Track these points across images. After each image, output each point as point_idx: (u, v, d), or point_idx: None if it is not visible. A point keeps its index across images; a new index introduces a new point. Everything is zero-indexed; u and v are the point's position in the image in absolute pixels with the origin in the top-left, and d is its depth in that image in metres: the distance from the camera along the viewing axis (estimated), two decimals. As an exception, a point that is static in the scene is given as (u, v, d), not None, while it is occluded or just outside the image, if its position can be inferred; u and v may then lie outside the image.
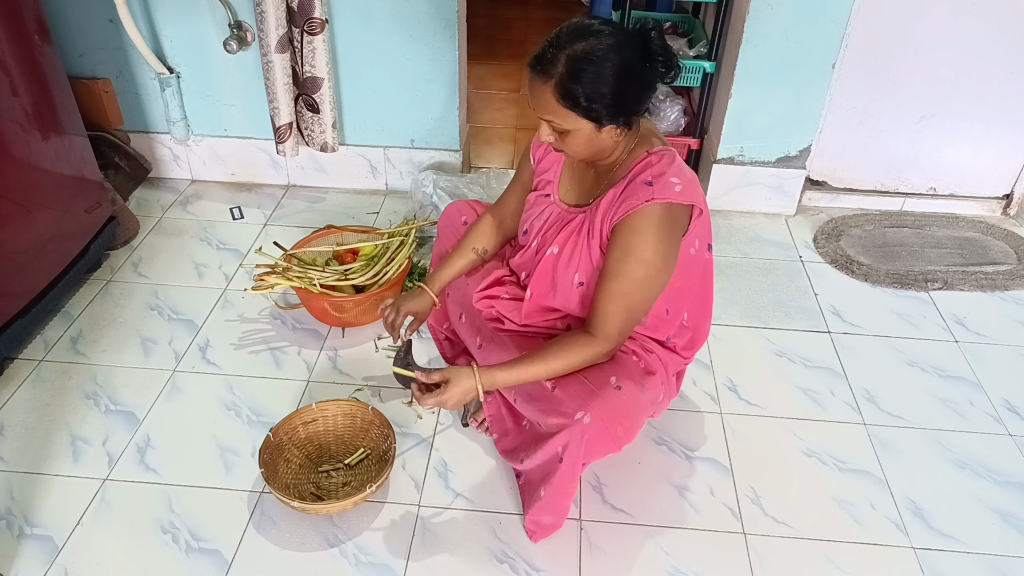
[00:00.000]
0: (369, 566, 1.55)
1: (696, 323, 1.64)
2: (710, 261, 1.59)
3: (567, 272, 1.52)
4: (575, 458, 1.42)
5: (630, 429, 1.44)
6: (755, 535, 1.64)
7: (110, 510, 1.66)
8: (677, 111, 2.91)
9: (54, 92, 2.08)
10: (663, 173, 1.38)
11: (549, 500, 1.52)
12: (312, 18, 2.34)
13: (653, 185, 1.37)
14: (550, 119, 1.35)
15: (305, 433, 1.77)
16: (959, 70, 2.51)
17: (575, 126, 1.34)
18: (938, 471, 1.80)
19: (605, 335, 1.42)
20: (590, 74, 1.28)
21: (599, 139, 1.37)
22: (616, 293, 1.40)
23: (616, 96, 1.30)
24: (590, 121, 1.33)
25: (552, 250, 1.53)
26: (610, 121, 1.34)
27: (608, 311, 1.42)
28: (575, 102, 1.30)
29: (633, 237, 1.38)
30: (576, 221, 1.50)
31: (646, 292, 1.42)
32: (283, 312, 2.21)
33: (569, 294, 1.54)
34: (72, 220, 2.19)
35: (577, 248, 1.49)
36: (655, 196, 1.36)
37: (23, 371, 2.00)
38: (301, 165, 2.80)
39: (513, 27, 4.53)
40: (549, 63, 1.30)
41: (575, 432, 1.39)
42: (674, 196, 1.37)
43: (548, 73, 1.30)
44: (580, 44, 1.28)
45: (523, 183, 1.67)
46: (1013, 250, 2.58)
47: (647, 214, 1.37)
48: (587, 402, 1.40)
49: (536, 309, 1.61)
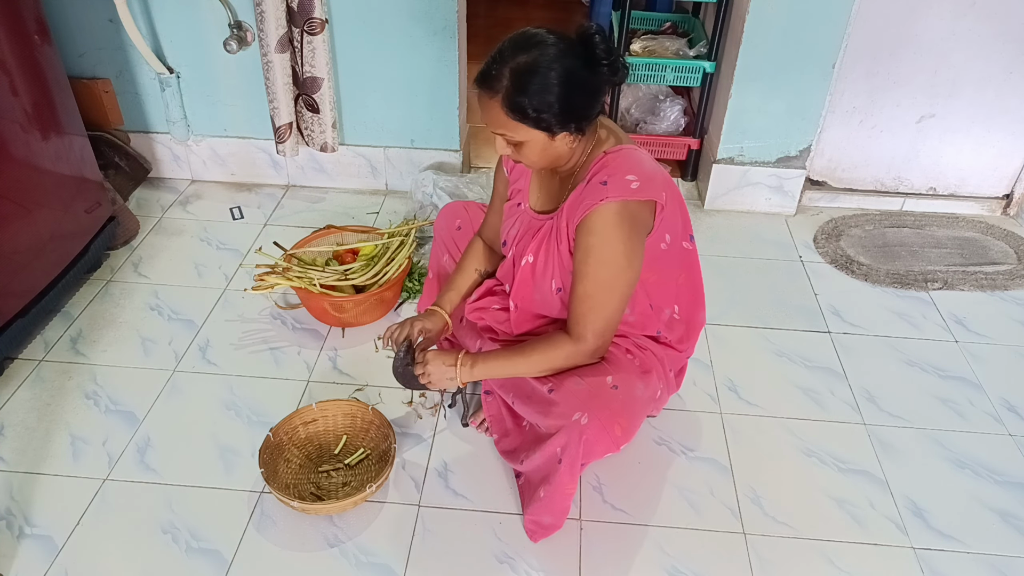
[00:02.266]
0: (369, 566, 1.55)
1: (688, 315, 1.64)
2: (692, 252, 1.59)
3: (544, 279, 1.52)
4: (574, 459, 1.42)
5: (628, 429, 1.44)
6: (755, 535, 1.64)
7: (110, 510, 1.66)
8: (677, 111, 2.91)
9: (54, 92, 2.08)
10: (618, 171, 1.38)
11: (548, 500, 1.52)
12: (312, 18, 2.34)
13: (608, 184, 1.37)
14: (502, 133, 1.36)
15: (305, 433, 1.77)
16: (959, 70, 2.51)
17: (527, 137, 1.34)
18: (938, 471, 1.80)
19: (579, 336, 1.43)
20: (535, 85, 1.29)
21: (553, 147, 1.38)
22: (583, 295, 1.41)
23: (563, 104, 1.31)
24: (541, 131, 1.34)
25: (527, 259, 1.53)
26: (561, 129, 1.34)
27: (579, 313, 1.43)
28: (523, 114, 1.31)
29: (591, 238, 1.39)
30: (546, 227, 1.51)
31: (613, 291, 1.42)
32: (283, 312, 2.21)
33: (550, 300, 1.55)
34: (72, 220, 2.19)
35: (550, 255, 1.50)
36: (609, 195, 1.36)
37: (23, 371, 2.00)
38: (301, 165, 2.80)
39: (513, 27, 4.46)
40: (494, 79, 1.31)
41: (573, 433, 1.40)
42: (630, 194, 1.37)
43: (494, 88, 1.31)
44: (522, 56, 1.29)
45: (500, 196, 1.68)
46: (1013, 250, 2.58)
47: (602, 214, 1.37)
48: (584, 403, 1.40)
49: (526, 317, 1.62)
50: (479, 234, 1.75)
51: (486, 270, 1.73)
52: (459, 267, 1.73)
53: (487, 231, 1.73)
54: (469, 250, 1.74)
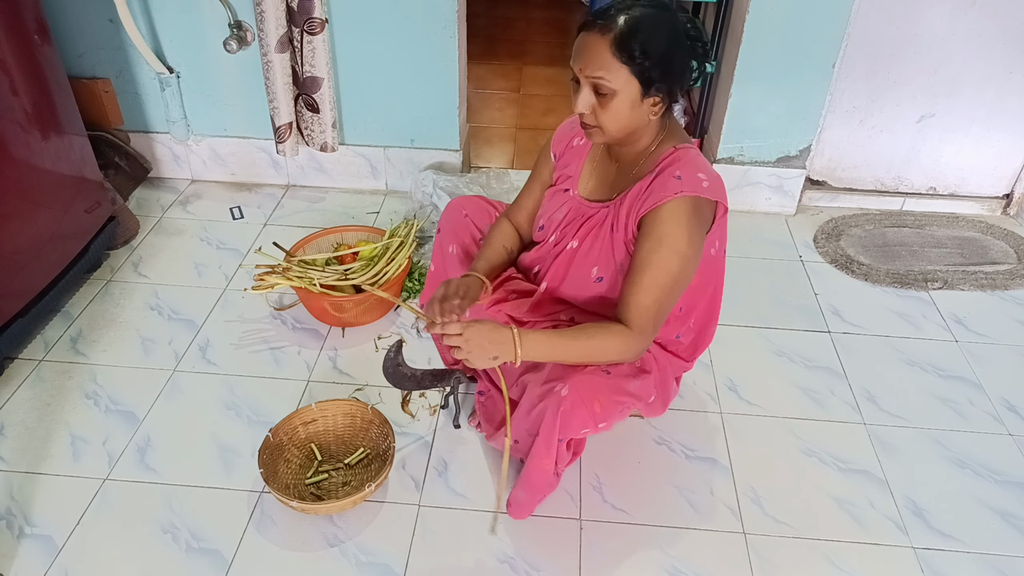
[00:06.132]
0: (369, 566, 1.55)
1: (701, 325, 1.64)
2: (723, 264, 1.59)
3: (585, 266, 1.51)
4: (550, 429, 1.42)
5: (608, 407, 1.42)
6: (755, 535, 1.64)
7: (110, 510, 1.66)
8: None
9: (54, 92, 2.08)
10: (690, 167, 1.39)
11: (526, 474, 1.53)
12: (312, 18, 2.34)
13: (682, 178, 1.37)
14: (600, 76, 1.32)
15: (305, 433, 1.77)
16: (959, 70, 2.51)
17: (622, 86, 1.32)
18: (938, 471, 1.80)
19: (640, 328, 1.38)
20: (646, 32, 1.29)
21: (639, 111, 1.36)
22: (650, 285, 1.37)
23: (667, 59, 1.32)
24: (639, 82, 1.32)
25: (572, 244, 1.52)
26: (656, 88, 1.34)
27: (642, 304, 1.38)
28: (630, 55, 1.30)
29: (666, 227, 1.37)
30: (598, 216, 1.50)
31: (678, 284, 1.40)
32: (283, 312, 2.21)
33: (585, 288, 1.53)
34: (72, 220, 2.19)
35: (598, 242, 1.49)
36: (684, 189, 1.36)
37: (23, 371, 2.00)
38: (301, 165, 2.80)
39: (513, 27, 4.53)
40: (611, 17, 1.31)
41: (551, 401, 1.40)
42: (702, 191, 1.38)
43: (608, 26, 1.31)
44: (639, 8, 1.32)
45: (542, 180, 1.65)
46: (1013, 250, 2.58)
47: (678, 205, 1.36)
48: (567, 375, 1.41)
49: (544, 300, 1.60)
50: (506, 216, 1.70)
51: (512, 250, 1.69)
52: (488, 242, 1.67)
53: (519, 214, 1.69)
54: (496, 229, 1.68)
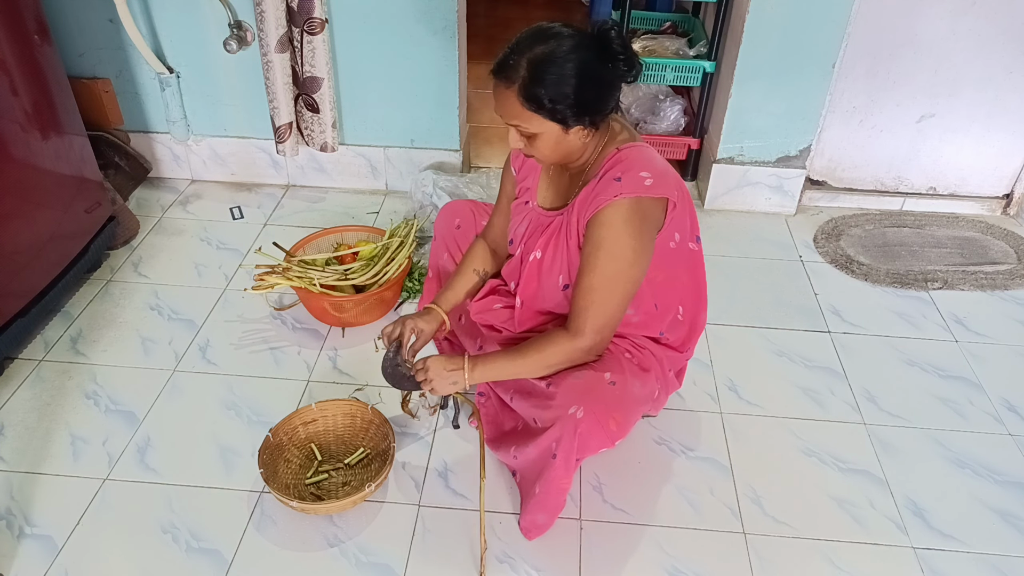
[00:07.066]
0: (369, 566, 1.55)
1: (691, 316, 1.65)
2: (698, 253, 1.59)
3: (551, 275, 1.53)
4: (568, 452, 1.42)
5: (623, 424, 1.44)
6: (755, 535, 1.64)
7: (110, 510, 1.66)
8: (677, 111, 2.91)
9: (54, 92, 2.08)
10: (632, 168, 1.39)
11: (543, 497, 1.53)
12: (312, 18, 2.34)
13: (622, 180, 1.38)
14: (516, 124, 1.36)
15: (305, 433, 1.77)
16: (959, 69, 2.51)
17: (541, 129, 1.35)
18: (938, 471, 1.80)
19: (578, 330, 1.43)
20: (552, 76, 1.29)
21: (567, 141, 1.38)
22: (588, 288, 1.41)
23: (579, 96, 1.31)
24: (556, 123, 1.34)
25: (535, 255, 1.54)
26: (576, 122, 1.34)
27: (580, 306, 1.42)
28: (539, 104, 1.31)
29: (603, 231, 1.39)
30: (555, 224, 1.51)
31: (616, 287, 1.41)
32: (283, 312, 2.21)
33: (555, 297, 1.55)
34: (72, 220, 2.19)
35: (558, 251, 1.50)
36: (623, 191, 1.37)
37: (23, 371, 2.00)
38: (301, 165, 2.80)
39: (513, 27, 4.50)
40: (511, 68, 1.31)
41: (568, 426, 1.40)
42: (643, 190, 1.38)
43: (511, 78, 1.31)
44: (540, 47, 1.30)
45: (508, 196, 1.68)
46: (1013, 250, 2.58)
47: (616, 209, 1.37)
48: (580, 397, 1.41)
49: (529, 314, 1.62)
50: (481, 236, 1.74)
51: (486, 271, 1.73)
52: (459, 268, 1.73)
53: (491, 232, 1.72)
54: (470, 251, 1.74)
